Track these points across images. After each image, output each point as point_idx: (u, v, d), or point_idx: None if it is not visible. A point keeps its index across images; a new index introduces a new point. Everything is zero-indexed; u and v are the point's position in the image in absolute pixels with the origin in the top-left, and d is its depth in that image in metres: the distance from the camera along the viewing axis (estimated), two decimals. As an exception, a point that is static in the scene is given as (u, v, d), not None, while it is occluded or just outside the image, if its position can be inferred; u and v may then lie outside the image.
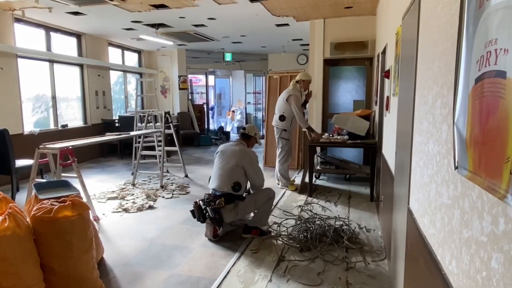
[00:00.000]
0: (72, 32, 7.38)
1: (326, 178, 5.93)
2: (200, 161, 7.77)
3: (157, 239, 3.53)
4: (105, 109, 8.44)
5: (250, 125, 3.92)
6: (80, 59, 7.60)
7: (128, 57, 9.65)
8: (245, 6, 5.47)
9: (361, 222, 3.89)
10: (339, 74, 6.45)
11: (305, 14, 5.97)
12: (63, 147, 3.70)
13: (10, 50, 5.72)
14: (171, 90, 10.34)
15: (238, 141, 3.67)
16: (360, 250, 3.18)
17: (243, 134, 3.72)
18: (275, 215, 4.05)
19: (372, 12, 5.78)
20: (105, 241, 3.44)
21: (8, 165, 4.73)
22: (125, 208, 4.40)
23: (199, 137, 10.14)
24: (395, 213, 2.62)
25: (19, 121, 6.03)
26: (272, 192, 3.61)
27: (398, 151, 2.51)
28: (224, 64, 11.24)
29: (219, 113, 13.87)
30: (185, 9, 5.61)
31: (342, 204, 4.54)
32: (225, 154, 3.51)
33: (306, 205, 4.43)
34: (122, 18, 6.25)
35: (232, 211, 3.34)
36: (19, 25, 6.04)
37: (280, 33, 7.64)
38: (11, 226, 2.05)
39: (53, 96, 7.01)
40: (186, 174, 6.15)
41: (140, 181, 5.78)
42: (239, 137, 3.74)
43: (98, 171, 6.76)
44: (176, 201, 4.79)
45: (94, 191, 5.18)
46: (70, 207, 2.36)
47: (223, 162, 3.46)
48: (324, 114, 6.32)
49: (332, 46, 6.15)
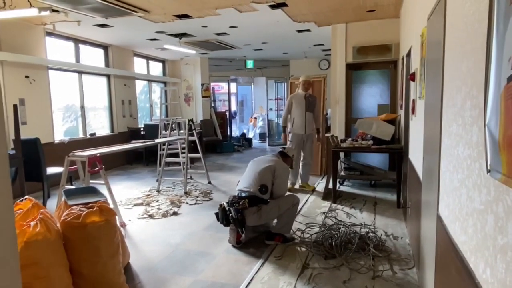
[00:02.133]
0: (100, 43, 7.66)
1: (350, 184, 5.82)
2: (223, 167, 7.82)
3: (181, 245, 3.57)
4: (131, 118, 8.67)
5: (289, 148, 4.28)
6: (107, 70, 7.86)
7: (152, 66, 9.91)
8: (266, 13, 5.51)
9: (388, 229, 3.78)
10: (362, 78, 6.35)
11: (327, 19, 5.93)
12: (91, 155, 3.82)
13: (41, 62, 5.99)
14: (194, 98, 10.50)
15: (276, 155, 3.86)
16: (387, 258, 3.09)
17: (282, 152, 3.92)
18: (298, 221, 4.00)
19: (396, 15, 5.68)
20: (131, 246, 3.51)
21: (40, 172, 4.92)
22: (150, 214, 4.47)
23: (222, 144, 10.22)
24: (423, 219, 2.53)
25: (50, 130, 6.29)
26: (297, 198, 3.58)
27: (425, 155, 2.44)
28: (246, 71, 11.33)
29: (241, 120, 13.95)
30: (207, 18, 5.71)
31: (367, 211, 4.44)
32: (261, 161, 3.65)
33: (330, 212, 4.36)
34: (147, 29, 6.42)
35: (255, 214, 3.33)
36: (50, 38, 6.33)
37: (302, 39, 7.63)
38: (42, 231, 2.12)
39: (81, 105, 7.27)
40: (209, 181, 6.20)
41: (165, 188, 5.87)
42: (277, 153, 3.93)
43: (125, 178, 6.92)
44: (200, 207, 4.83)
45: (120, 198, 5.30)
46: (97, 213, 2.42)
47: (256, 167, 3.55)
48: (348, 119, 6.23)
49: (355, 50, 6.08)
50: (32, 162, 4.89)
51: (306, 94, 5.47)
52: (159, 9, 5.12)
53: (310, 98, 5.48)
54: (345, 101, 6.21)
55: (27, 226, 2.12)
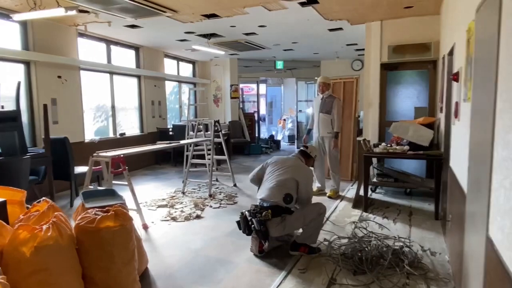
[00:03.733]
0: (131, 44, 7.75)
1: (383, 191, 5.48)
2: (250, 170, 7.59)
3: (202, 250, 3.44)
4: (160, 118, 8.73)
5: (312, 146, 3.88)
6: (138, 71, 7.94)
7: (183, 67, 9.95)
8: (296, 11, 5.30)
9: (425, 244, 3.46)
10: (398, 79, 5.99)
11: (360, 16, 5.64)
12: (114, 156, 3.78)
13: (74, 63, 6.11)
14: (223, 99, 10.45)
15: (296, 156, 3.59)
16: (424, 277, 2.80)
17: (304, 152, 3.64)
18: (325, 230, 3.76)
19: (436, 11, 5.29)
20: (151, 250, 3.42)
21: (68, 171, 4.99)
22: (173, 217, 4.39)
23: (250, 145, 10.09)
24: (467, 237, 2.24)
25: (81, 130, 6.40)
26: (323, 207, 3.35)
27: (471, 165, 2.15)
28: (276, 72, 11.13)
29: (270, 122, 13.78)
30: (235, 18, 5.59)
31: (402, 222, 4.12)
32: (281, 165, 3.39)
33: (361, 222, 4.08)
34: (176, 30, 6.40)
35: (279, 225, 3.14)
36: (82, 39, 6.45)
37: (333, 38, 7.35)
38: (54, 236, 2.05)
39: (112, 106, 7.37)
40: (235, 183, 6.07)
41: (190, 189, 5.80)
42: (298, 153, 3.66)
43: (152, 178, 6.94)
44: (223, 211, 4.70)
45: (146, 198, 5.28)
46: (112, 217, 2.32)
47: (277, 173, 3.32)
48: (381, 123, 5.88)
49: (391, 49, 5.73)
50: (61, 161, 4.97)
51: (324, 95, 5.25)
52: (187, 8, 5.05)
53: (327, 99, 5.24)
54: (379, 103, 5.86)
55: (39, 230, 2.05)
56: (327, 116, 5.21)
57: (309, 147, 3.71)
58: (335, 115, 5.18)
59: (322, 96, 5.29)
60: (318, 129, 5.31)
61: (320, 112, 5.25)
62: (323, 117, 5.24)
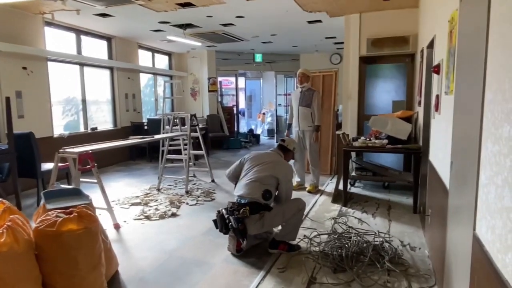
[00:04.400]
0: (102, 35, 7.39)
1: (362, 185, 5.47)
2: (228, 165, 7.41)
3: (177, 251, 3.28)
4: (135, 112, 8.42)
5: (290, 139, 3.75)
6: (110, 62, 7.60)
7: (158, 59, 9.62)
8: (275, 2, 5.16)
9: (404, 238, 3.43)
10: (377, 72, 5.97)
11: (339, 8, 5.55)
12: (82, 152, 3.55)
13: (40, 53, 5.74)
14: (200, 93, 10.21)
15: (275, 151, 3.47)
16: (405, 273, 2.75)
17: (282, 146, 3.51)
18: (305, 227, 3.67)
19: (414, 4, 5.27)
20: (122, 252, 3.24)
21: (33, 168, 4.69)
22: (147, 215, 4.19)
23: (229, 140, 9.92)
24: (450, 233, 2.19)
25: (49, 124, 6.06)
26: (303, 203, 3.25)
27: (455, 160, 2.08)
28: (254, 65, 10.98)
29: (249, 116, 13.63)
30: (212, 7, 5.39)
31: (381, 216, 4.09)
32: (260, 161, 3.25)
33: (340, 217, 4.02)
34: (150, 19, 6.12)
35: (257, 223, 3.02)
36: (49, 29, 6.07)
37: (312, 30, 7.25)
38: (8, 242, 1.84)
39: (83, 99, 7.03)
40: (213, 179, 5.91)
41: (166, 186, 5.60)
42: (276, 148, 3.53)
43: (126, 174, 6.68)
44: (201, 208, 4.54)
45: (118, 196, 5.05)
46: (75, 220, 2.13)
47: (256, 169, 3.18)
48: (360, 116, 5.85)
49: (369, 42, 5.68)
50: (26, 158, 4.66)
51: (303, 88, 5.16)
52: (161, -4, 4.82)
53: (306, 92, 5.15)
54: (358, 97, 5.83)
55: (-9, 235, 1.84)
56: (307, 109, 5.12)
57: (286, 140, 3.57)
58: (315, 108, 5.10)
59: (301, 89, 5.20)
60: (298, 123, 5.22)
61: (300, 106, 5.16)
62: (303, 111, 5.14)
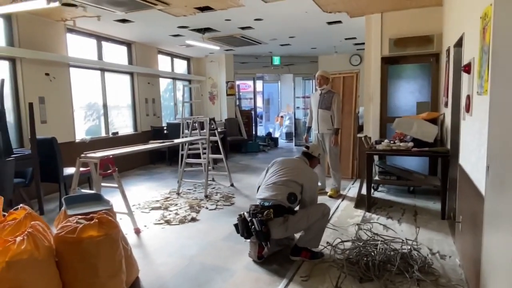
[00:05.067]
0: (123, 40, 7.49)
1: (386, 190, 5.29)
2: (247, 169, 7.45)
3: (197, 257, 3.22)
4: (155, 116, 8.49)
5: (314, 145, 3.66)
6: (131, 67, 7.69)
7: (177, 64, 9.70)
8: (294, 3, 5.08)
9: (433, 246, 3.27)
10: (400, 73, 5.79)
11: (360, 8, 5.42)
12: (103, 156, 3.55)
13: (62, 59, 5.85)
14: (219, 96, 10.22)
15: (300, 158, 3.42)
16: (435, 284, 2.60)
17: (306, 153, 3.46)
18: (328, 233, 3.55)
19: (438, 2, 5.09)
20: (142, 257, 3.21)
21: (56, 173, 4.75)
22: (167, 220, 4.17)
23: (247, 143, 9.87)
24: (487, 241, 2.04)
25: (71, 129, 6.16)
26: (328, 208, 3.14)
27: (492, 164, 1.95)
28: (272, 68, 10.89)
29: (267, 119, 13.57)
30: (230, 11, 5.36)
31: (407, 222, 3.93)
32: (285, 166, 3.22)
33: (365, 223, 3.88)
34: (169, 24, 6.16)
35: (281, 226, 2.93)
36: (71, 35, 6.19)
37: (332, 32, 7.13)
38: (29, 249, 1.83)
39: (104, 104, 7.13)
40: (232, 183, 5.86)
41: (185, 190, 5.59)
42: (301, 155, 3.48)
43: (146, 178, 6.71)
44: (220, 213, 4.49)
45: (139, 200, 5.06)
46: (96, 226, 2.10)
47: (281, 172, 3.14)
48: (382, 118, 5.68)
49: (392, 42, 5.52)
50: (49, 163, 4.73)
51: (322, 90, 5.06)
52: (179, 0, 4.81)
53: (326, 95, 5.04)
54: (380, 98, 5.66)
55: (12, 242, 1.83)
56: (326, 112, 5.01)
57: (311, 147, 3.52)
58: (335, 111, 4.98)
59: (320, 92, 5.10)
60: (317, 126, 5.11)
61: (319, 108, 5.06)
62: (323, 113, 5.04)
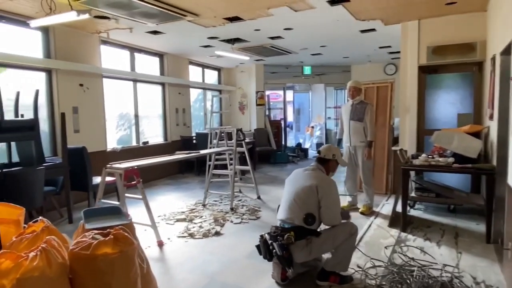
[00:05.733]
0: (155, 52, 7.63)
1: (423, 207, 4.93)
2: (275, 180, 7.28)
3: (219, 274, 3.09)
4: (185, 126, 8.54)
5: (326, 146, 3.20)
6: (162, 78, 7.81)
7: (208, 75, 9.77)
8: (325, 12, 4.92)
9: (477, 274, 2.94)
10: (439, 82, 5.44)
11: (396, 15, 5.17)
12: (127, 167, 3.53)
13: (96, 70, 6.01)
14: (248, 107, 10.17)
15: (315, 166, 3.06)
16: (481, 320, 2.31)
17: (320, 159, 3.09)
18: (358, 255, 3.31)
19: (482, 7, 4.75)
20: (163, 272, 3.13)
21: (85, 182, 4.82)
22: (191, 233, 4.08)
23: (276, 154, 9.71)
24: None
25: (103, 139, 6.28)
26: (355, 227, 2.91)
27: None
28: (303, 78, 10.73)
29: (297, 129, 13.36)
30: (260, 21, 5.28)
31: (447, 245, 3.59)
32: (297, 180, 2.94)
33: (399, 245, 3.59)
34: (199, 35, 6.18)
35: (304, 249, 2.74)
36: (105, 47, 6.35)
37: (365, 40, 6.88)
38: (40, 266, 1.77)
39: (135, 114, 7.25)
40: (259, 196, 5.71)
41: (211, 201, 5.50)
42: (315, 162, 3.11)
43: (174, 188, 6.71)
44: (245, 227, 4.34)
45: (164, 211, 5.03)
46: (111, 243, 2.03)
47: (294, 189, 2.89)
48: (420, 131, 5.35)
49: (430, 50, 5.21)
50: (79, 172, 4.81)
51: (354, 101, 4.83)
52: (209, 11, 4.80)
53: (358, 105, 4.79)
54: (417, 109, 5.34)
55: (25, 258, 1.78)
56: (359, 123, 4.77)
57: (322, 151, 3.12)
58: (368, 122, 4.73)
59: (352, 102, 4.86)
60: (349, 138, 4.87)
61: (351, 120, 4.82)
62: (355, 125, 4.80)
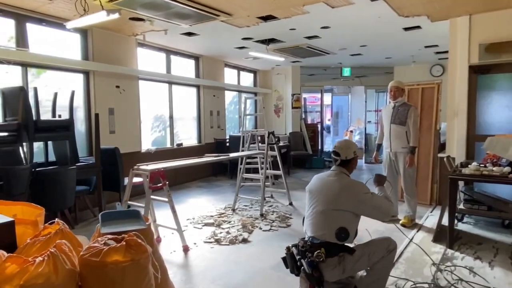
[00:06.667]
0: (190, 54, 7.65)
1: (473, 221, 4.45)
2: (310, 186, 6.97)
3: (243, 286, 2.90)
4: (219, 129, 8.50)
5: (343, 145, 2.68)
6: (197, 80, 7.81)
7: (244, 77, 9.68)
8: (365, 8, 4.61)
9: (540, 304, 2.53)
10: (492, 83, 4.92)
11: (443, 10, 4.74)
12: (153, 169, 3.46)
13: (132, 73, 6.09)
14: (284, 109, 9.96)
15: (338, 170, 2.63)
16: None
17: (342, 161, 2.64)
18: (396, 274, 2.99)
19: (545, -1, 4.22)
20: (185, 280, 2.99)
21: (117, 182, 4.85)
22: (217, 239, 3.94)
23: (311, 158, 9.40)
24: None
25: (138, 140, 6.35)
26: (394, 243, 2.59)
27: None
28: (342, 80, 10.32)
29: (335, 133, 12.92)
30: (295, 19, 5.07)
31: (501, 266, 3.16)
32: (322, 190, 2.57)
33: (445, 264, 3.21)
34: (233, 36, 6.08)
35: (336, 268, 2.45)
36: (142, 49, 6.43)
37: (409, 39, 6.43)
38: (46, 272, 1.67)
39: (170, 116, 7.29)
40: (291, 202, 5.47)
41: (242, 206, 5.35)
42: (336, 166, 2.66)
43: (205, 191, 6.65)
44: (274, 235, 4.13)
45: (193, 214, 4.95)
46: (122, 250, 1.90)
47: (320, 200, 2.54)
48: (469, 137, 4.85)
49: (482, 48, 4.72)
50: (111, 172, 4.85)
51: (396, 103, 4.45)
52: (241, 10, 4.67)
53: (400, 108, 4.41)
54: (467, 113, 4.85)
55: (31, 263, 1.69)
56: (400, 127, 4.39)
57: (341, 152, 2.62)
58: (411, 126, 4.33)
59: (393, 104, 4.49)
60: (390, 143, 4.51)
61: (392, 123, 4.45)
62: (396, 129, 4.43)
